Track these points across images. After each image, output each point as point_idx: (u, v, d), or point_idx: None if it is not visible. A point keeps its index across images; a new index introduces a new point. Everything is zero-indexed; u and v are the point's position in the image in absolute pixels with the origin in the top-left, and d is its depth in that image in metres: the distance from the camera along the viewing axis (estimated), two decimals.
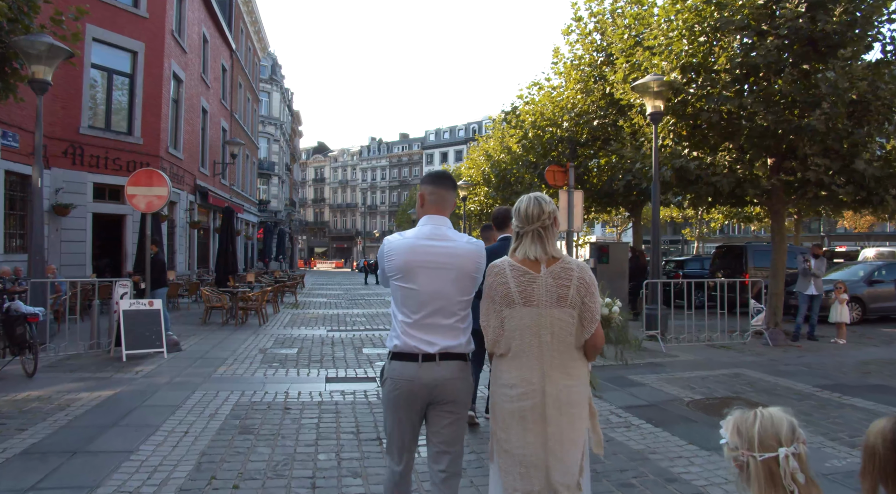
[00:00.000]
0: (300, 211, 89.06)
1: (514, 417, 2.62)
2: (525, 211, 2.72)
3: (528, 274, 2.65)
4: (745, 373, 8.62)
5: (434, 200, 2.89)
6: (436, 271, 2.74)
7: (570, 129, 17.20)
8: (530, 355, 2.63)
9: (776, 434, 1.54)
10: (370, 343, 11.42)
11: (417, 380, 2.70)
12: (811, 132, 11.49)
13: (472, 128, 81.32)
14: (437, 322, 2.73)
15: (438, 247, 2.77)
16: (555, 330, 2.63)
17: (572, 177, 11.22)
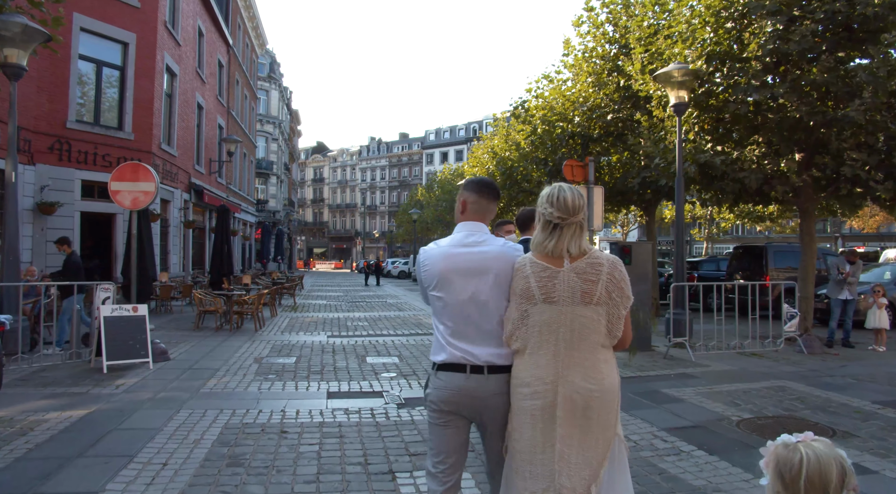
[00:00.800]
0: (299, 211, 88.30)
1: (525, 415, 2.48)
2: (570, 201, 2.52)
3: (549, 270, 2.50)
4: (790, 386, 7.82)
5: (476, 209, 2.83)
6: (472, 277, 2.65)
7: (582, 124, 16.40)
8: (546, 353, 2.48)
9: (824, 485, 1.43)
10: (374, 350, 10.61)
11: (465, 392, 2.62)
12: (848, 124, 10.71)
13: (472, 127, 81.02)
14: (479, 329, 2.64)
15: (473, 253, 2.70)
16: (575, 328, 2.46)
17: (592, 173, 10.45)
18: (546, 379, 2.45)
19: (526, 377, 2.50)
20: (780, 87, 10.82)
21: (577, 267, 2.48)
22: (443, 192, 44.21)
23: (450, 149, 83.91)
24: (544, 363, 2.47)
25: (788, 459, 1.49)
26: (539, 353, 2.49)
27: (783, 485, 1.48)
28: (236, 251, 32.74)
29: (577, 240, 2.51)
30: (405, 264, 48.93)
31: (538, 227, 2.58)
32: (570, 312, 2.46)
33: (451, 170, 50.03)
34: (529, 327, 2.51)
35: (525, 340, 2.52)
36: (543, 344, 2.48)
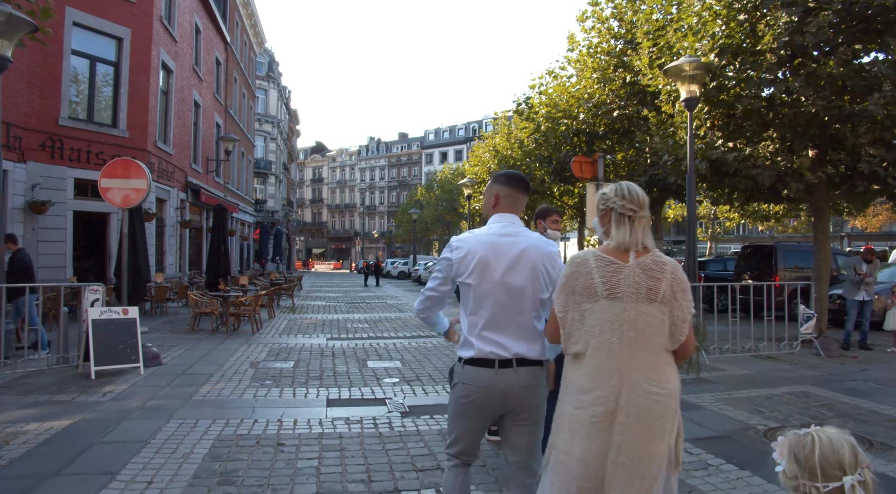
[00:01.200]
0: (298, 211, 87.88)
1: (583, 425, 2.31)
2: (640, 195, 2.49)
3: (615, 265, 2.39)
4: (813, 392, 7.44)
5: (509, 202, 2.86)
6: (511, 266, 2.67)
7: (587, 121, 16.04)
8: (610, 354, 2.34)
9: (839, 462, 1.47)
10: (375, 354, 10.23)
11: (493, 388, 2.65)
12: (866, 119, 10.34)
13: (472, 127, 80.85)
14: (512, 320, 2.67)
15: (514, 242, 2.71)
16: (639, 327, 2.34)
17: (601, 169, 10.06)
18: (610, 382, 2.31)
19: (587, 382, 2.35)
20: (795, 81, 10.45)
21: (643, 262, 2.39)
22: (443, 192, 43.83)
23: (449, 148, 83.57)
24: (607, 365, 2.33)
25: (801, 442, 1.54)
26: (600, 355, 2.35)
27: (798, 466, 1.52)
28: (234, 251, 32.35)
29: (648, 235, 2.46)
30: (405, 264, 48.52)
31: (611, 222, 2.49)
32: (634, 309, 2.34)
33: (451, 169, 49.61)
34: (590, 327, 2.38)
35: (586, 342, 2.38)
36: (605, 344, 2.34)
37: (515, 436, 2.75)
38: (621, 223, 2.45)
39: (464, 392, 2.69)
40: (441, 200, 43.85)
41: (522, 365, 2.65)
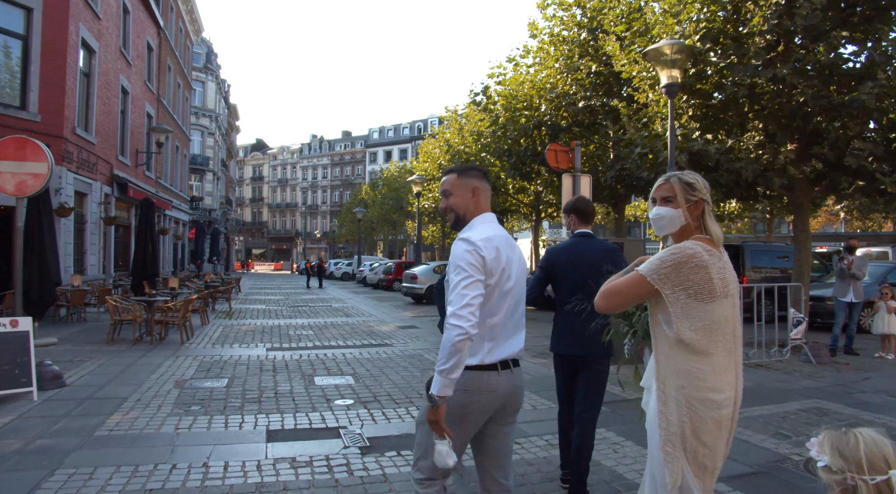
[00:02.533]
0: (237, 210, 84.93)
1: (720, 427, 2.28)
2: (706, 184, 2.46)
3: (723, 261, 2.34)
4: (828, 407, 6.59)
5: (486, 197, 2.80)
6: (520, 267, 2.71)
7: (550, 113, 15.08)
8: (727, 353, 2.32)
9: (884, 456, 1.48)
10: (322, 367, 8.94)
11: (498, 391, 2.58)
12: (857, 109, 9.68)
13: (417, 126, 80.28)
14: (518, 320, 2.69)
15: (512, 241, 2.74)
16: (739, 323, 2.39)
17: (578, 159, 9.07)
18: (733, 383, 2.34)
19: (716, 382, 2.30)
20: (785, 68, 9.70)
21: (725, 256, 2.39)
22: (389, 190, 42.45)
23: (394, 147, 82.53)
24: (730, 365, 2.33)
25: (843, 438, 1.54)
26: (722, 354, 2.32)
27: (844, 460, 1.51)
28: (167, 251, 30.25)
29: (717, 225, 2.45)
30: (349, 265, 46.91)
31: (705, 215, 2.42)
32: (731, 306, 2.34)
33: (397, 167, 48.24)
34: (711, 324, 2.29)
35: (708, 339, 2.29)
36: (725, 342, 2.32)
37: (498, 440, 2.68)
38: (712, 217, 2.42)
39: (465, 400, 2.52)
40: (388, 198, 42.48)
41: (517, 365, 2.67)
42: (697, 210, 2.39)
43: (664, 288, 2.28)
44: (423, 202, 27.61)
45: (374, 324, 15.08)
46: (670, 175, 2.49)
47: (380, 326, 14.69)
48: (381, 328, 14.33)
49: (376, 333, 13.27)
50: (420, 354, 10.34)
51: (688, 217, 2.39)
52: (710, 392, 2.26)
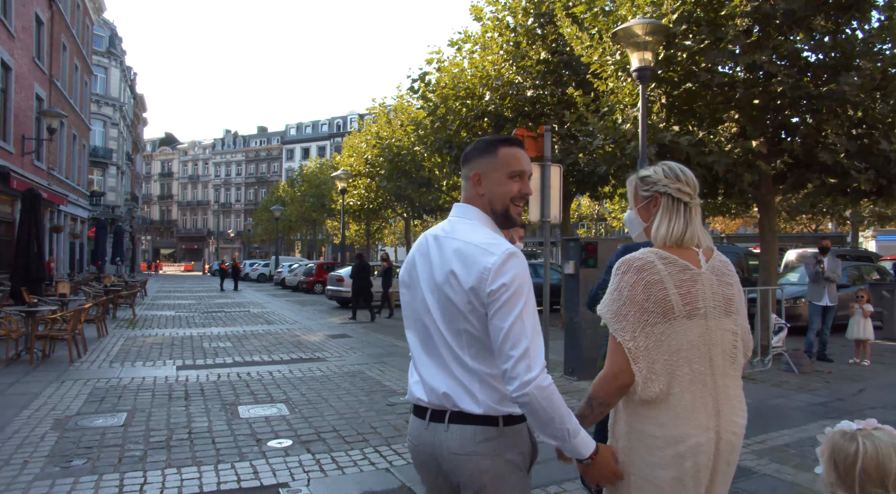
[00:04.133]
0: (144, 208, 79.91)
1: (685, 484, 1.80)
2: (690, 175, 2.01)
3: (690, 271, 1.88)
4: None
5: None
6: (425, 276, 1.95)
7: (494, 102, 13.96)
8: (702, 388, 1.84)
9: (881, 478, 1.33)
10: (247, 392, 7.40)
11: (422, 445, 1.87)
12: (837, 102, 9.05)
13: (336, 123, 79.01)
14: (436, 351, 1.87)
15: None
16: (725, 349, 1.91)
17: (548, 146, 7.95)
18: (708, 424, 1.83)
19: (676, 429, 1.81)
20: (764, 55, 8.95)
21: (715, 266, 1.94)
22: (310, 187, 40.40)
23: (312, 144, 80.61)
24: (702, 403, 1.84)
25: (844, 448, 1.41)
26: (692, 390, 1.83)
27: (837, 476, 1.40)
28: (62, 252, 27.29)
29: (704, 226, 2.06)
30: (265, 266, 44.48)
31: (660, 212, 1.97)
32: (717, 327, 1.90)
33: (318, 163, 46.16)
34: (670, 355, 1.83)
35: (668, 376, 1.83)
36: (697, 377, 1.84)
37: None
38: (675, 212, 1.95)
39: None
40: (307, 196, 40.42)
41: (456, 421, 1.79)
42: (653, 207, 2.01)
43: (622, 325, 1.86)
44: (349, 199, 26.02)
45: (301, 333, 13.51)
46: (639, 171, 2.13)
47: (307, 335, 13.14)
48: (309, 337, 12.79)
49: (305, 344, 11.73)
50: (360, 371, 8.95)
51: (645, 218, 2.05)
52: (665, 445, 1.82)
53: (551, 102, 13.66)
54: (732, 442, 1.89)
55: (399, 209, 27.04)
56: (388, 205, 26.75)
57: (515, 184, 1.89)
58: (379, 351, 10.88)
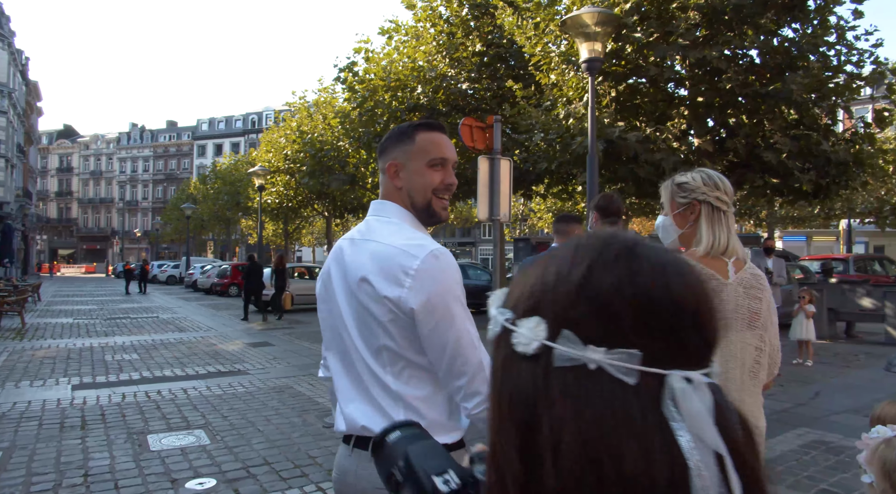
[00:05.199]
0: (39, 205, 74.35)
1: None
2: (728, 184, 2.00)
3: (715, 281, 1.90)
4: (828, 439, 5.39)
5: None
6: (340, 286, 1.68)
7: (427, 95, 13.26)
8: None
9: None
10: (158, 416, 6.38)
11: (345, 475, 1.61)
12: (783, 100, 8.90)
13: (251, 119, 76.80)
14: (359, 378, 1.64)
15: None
16: (746, 363, 1.90)
17: (498, 137, 7.30)
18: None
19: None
20: (714, 50, 8.68)
21: (744, 279, 1.94)
22: (224, 184, 38.37)
23: (225, 140, 77.89)
24: None
25: (894, 457, 1.37)
26: None
27: (890, 484, 1.36)
28: None
29: (736, 236, 1.99)
30: (175, 268, 42.02)
31: (701, 220, 1.96)
32: (739, 341, 1.90)
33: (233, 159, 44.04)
34: None
35: None
36: None
37: None
38: (716, 221, 1.96)
39: None
40: (221, 194, 38.36)
41: (360, 445, 1.57)
42: (691, 215, 1.98)
43: None
44: (266, 197, 24.65)
45: (218, 342, 12.35)
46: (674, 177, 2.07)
47: (225, 344, 12.01)
48: (226, 346, 11.68)
49: (223, 355, 10.65)
50: (288, 385, 8.03)
51: (681, 224, 2.02)
52: None
53: (486, 96, 13.10)
54: None
55: (320, 207, 25.90)
56: (308, 203, 25.56)
57: (437, 173, 1.64)
58: (305, 361, 9.96)
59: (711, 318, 0.54)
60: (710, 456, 0.50)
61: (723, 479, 0.50)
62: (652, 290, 0.52)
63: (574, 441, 0.50)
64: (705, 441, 0.49)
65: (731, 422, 0.53)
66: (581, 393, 0.51)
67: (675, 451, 0.49)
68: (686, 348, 0.53)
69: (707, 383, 0.52)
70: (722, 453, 0.50)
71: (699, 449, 0.49)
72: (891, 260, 18.81)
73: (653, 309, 0.52)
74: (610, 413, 0.50)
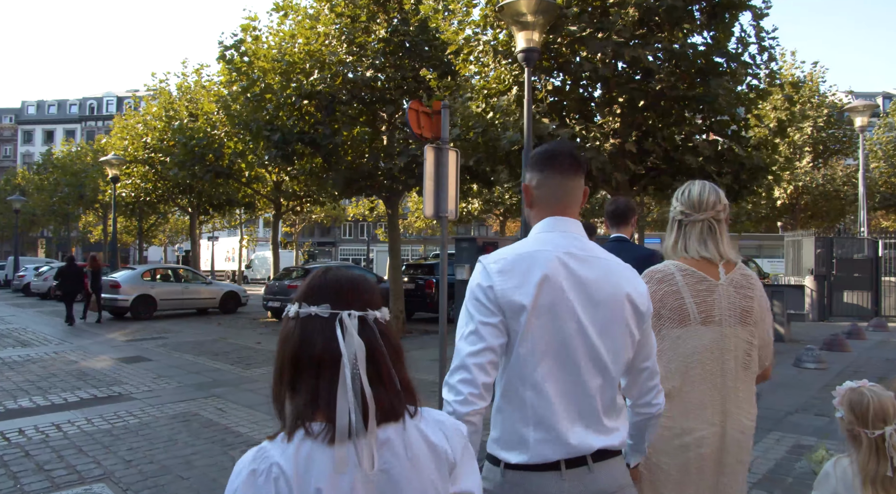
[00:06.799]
0: None
1: (689, 471, 2.07)
2: (696, 194, 2.19)
3: (706, 282, 2.12)
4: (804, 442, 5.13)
5: (547, 192, 1.86)
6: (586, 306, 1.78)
7: (325, 81, 12.14)
8: (711, 388, 2.10)
9: (884, 416, 1.92)
10: (32, 469, 4.97)
11: None
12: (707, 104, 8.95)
13: (89, 104, 71.73)
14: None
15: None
16: (738, 355, 2.14)
17: (446, 125, 6.49)
18: (713, 419, 2.09)
19: (686, 422, 2.09)
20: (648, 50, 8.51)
21: (734, 279, 2.16)
22: (63, 175, 34.10)
23: (57, 127, 71.68)
24: (709, 400, 2.10)
25: (858, 399, 1.97)
26: (702, 389, 2.10)
27: (855, 417, 1.96)
28: None
29: (708, 241, 2.16)
30: (1, 269, 36.93)
31: (681, 231, 2.23)
32: (732, 335, 2.13)
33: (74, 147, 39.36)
34: (685, 357, 2.11)
35: (682, 375, 2.11)
36: (708, 376, 2.11)
37: None
38: (676, 230, 2.23)
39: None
40: (60, 185, 34.08)
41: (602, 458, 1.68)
42: (673, 229, 2.25)
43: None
44: (121, 189, 22.04)
45: (78, 358, 10.53)
46: None
47: (89, 361, 10.24)
48: (92, 363, 9.95)
49: (92, 375, 8.98)
50: (192, 411, 6.77)
51: (670, 237, 2.27)
52: (676, 434, 2.08)
53: (390, 87, 12.24)
54: (739, 441, 2.11)
55: (183, 202, 23.60)
56: (170, 197, 23.18)
57: None
58: (200, 379, 8.62)
59: (355, 292, 1.23)
60: (360, 350, 1.15)
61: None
62: (329, 281, 1.24)
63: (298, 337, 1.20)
64: (354, 339, 1.15)
65: (371, 334, 1.20)
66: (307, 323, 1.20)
67: (337, 345, 1.15)
68: (350, 304, 1.20)
69: (358, 315, 1.19)
70: (360, 346, 1.15)
71: (349, 342, 1.15)
72: (754, 262, 20.22)
73: (330, 288, 1.23)
74: (319, 327, 1.18)
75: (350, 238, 63.56)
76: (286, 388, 1.19)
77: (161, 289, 17.63)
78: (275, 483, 1.09)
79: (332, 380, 1.12)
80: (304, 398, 1.15)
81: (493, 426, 1.70)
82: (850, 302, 17.20)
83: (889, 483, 1.89)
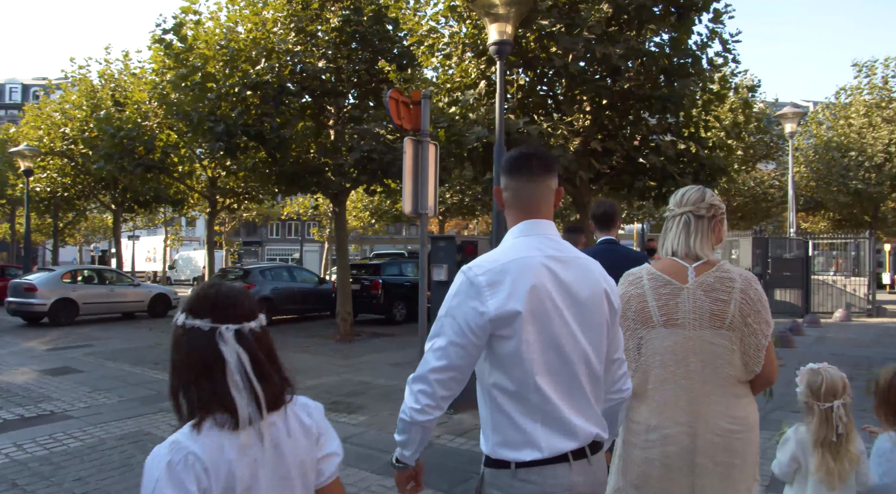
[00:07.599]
0: None
1: (654, 466, 2.11)
2: (682, 193, 2.29)
3: (671, 285, 2.15)
4: None
5: (519, 194, 1.96)
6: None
7: (273, 70, 11.44)
8: (676, 388, 2.12)
9: (834, 391, 2.43)
10: None
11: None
12: (674, 104, 8.91)
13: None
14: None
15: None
16: (705, 358, 2.12)
17: (426, 116, 6.05)
18: (679, 418, 2.11)
19: (652, 419, 2.14)
20: (620, 48, 8.36)
21: (705, 282, 2.13)
22: None
23: None
24: (674, 400, 2.12)
25: (814, 378, 2.49)
26: (666, 388, 2.14)
27: (811, 392, 2.47)
28: None
29: (681, 236, 2.20)
30: None
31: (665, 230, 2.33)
32: (697, 338, 2.12)
33: None
34: (648, 357, 2.18)
35: (645, 374, 2.18)
36: (670, 377, 2.14)
37: None
38: (668, 230, 2.28)
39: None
40: None
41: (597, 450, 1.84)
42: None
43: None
44: (35, 184, 20.41)
45: (24, 372, 9.45)
46: None
47: (8, 375, 9.24)
48: (12, 377, 8.98)
49: (14, 391, 8.05)
50: (144, 431, 6.10)
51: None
52: (642, 430, 2.15)
53: (342, 78, 11.67)
54: (715, 443, 2.06)
55: (105, 198, 22.08)
56: (90, 193, 21.65)
57: None
58: (143, 392, 7.87)
59: (233, 307, 1.40)
60: (243, 355, 1.37)
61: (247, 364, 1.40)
62: (211, 297, 1.41)
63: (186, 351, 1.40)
64: (233, 349, 1.36)
65: (248, 344, 1.39)
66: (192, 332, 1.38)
67: (220, 352, 1.35)
68: (228, 318, 1.38)
69: (235, 328, 1.39)
70: (242, 352, 1.37)
71: (230, 350, 1.35)
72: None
73: (211, 303, 1.40)
74: (204, 341, 1.36)
75: (278, 237, 61.78)
76: (181, 386, 1.40)
77: (84, 292, 16.34)
78: (193, 469, 1.31)
79: (223, 380, 1.35)
80: (203, 394, 1.36)
81: (493, 431, 1.75)
82: (782, 300, 17.82)
83: (834, 447, 2.39)
